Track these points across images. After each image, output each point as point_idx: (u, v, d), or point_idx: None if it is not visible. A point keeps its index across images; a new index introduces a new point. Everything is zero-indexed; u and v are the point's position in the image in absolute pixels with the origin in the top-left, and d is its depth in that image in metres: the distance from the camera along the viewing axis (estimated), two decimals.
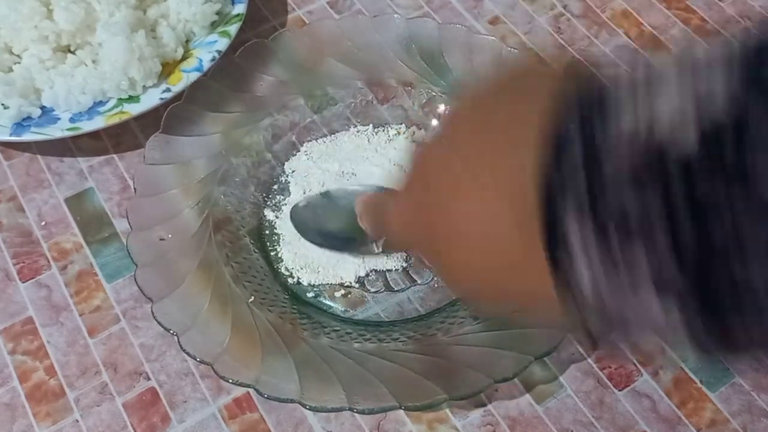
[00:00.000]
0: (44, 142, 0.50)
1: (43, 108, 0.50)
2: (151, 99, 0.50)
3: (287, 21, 0.59)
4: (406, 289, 0.45)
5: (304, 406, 0.37)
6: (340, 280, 0.45)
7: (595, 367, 0.43)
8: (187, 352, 0.39)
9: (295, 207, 0.46)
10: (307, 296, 0.45)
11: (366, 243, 0.41)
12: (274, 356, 0.40)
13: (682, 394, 0.42)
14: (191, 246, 0.44)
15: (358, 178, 0.49)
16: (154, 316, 0.39)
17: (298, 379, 0.38)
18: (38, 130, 0.49)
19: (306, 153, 0.51)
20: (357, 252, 0.44)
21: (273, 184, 0.50)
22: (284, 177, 0.50)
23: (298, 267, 0.46)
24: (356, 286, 0.45)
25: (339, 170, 0.50)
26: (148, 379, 0.43)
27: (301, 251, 0.46)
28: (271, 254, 0.47)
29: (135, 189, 0.45)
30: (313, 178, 0.49)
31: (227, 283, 0.43)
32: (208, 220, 0.45)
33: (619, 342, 0.24)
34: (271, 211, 0.48)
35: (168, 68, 0.52)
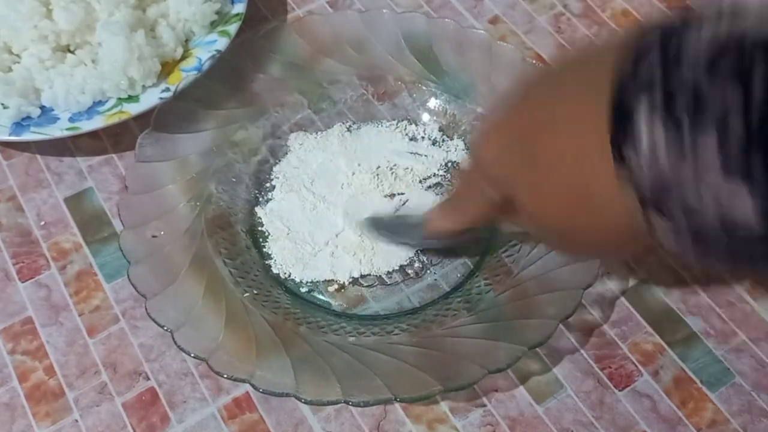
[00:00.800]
0: (43, 142, 0.50)
1: (42, 108, 0.50)
2: (151, 99, 0.50)
3: (287, 20, 0.59)
4: (400, 283, 0.45)
5: (299, 399, 0.37)
6: (333, 277, 0.45)
7: (596, 367, 0.43)
8: (181, 348, 0.39)
9: (369, 218, 0.47)
10: (301, 291, 0.45)
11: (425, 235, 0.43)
12: (269, 351, 0.40)
13: (682, 394, 0.42)
14: (184, 242, 0.44)
15: (355, 175, 0.49)
16: (148, 313, 0.40)
17: (294, 374, 0.38)
18: (38, 129, 0.49)
19: (298, 147, 0.51)
20: (420, 240, 0.45)
21: (265, 181, 0.50)
22: (276, 173, 0.50)
23: (290, 263, 0.46)
24: (349, 281, 0.45)
25: (329, 164, 0.50)
26: (148, 379, 0.43)
27: (290, 247, 0.46)
28: (263, 250, 0.47)
29: (126, 186, 0.45)
30: (302, 173, 0.49)
31: (221, 278, 0.43)
32: (200, 217, 0.46)
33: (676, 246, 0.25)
34: (262, 207, 0.48)
35: (167, 68, 0.52)
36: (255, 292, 0.44)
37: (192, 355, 0.39)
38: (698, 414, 0.42)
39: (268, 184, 0.50)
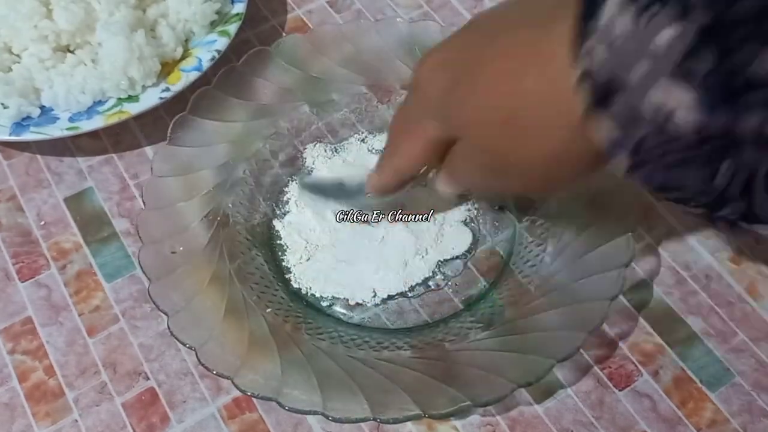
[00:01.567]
0: (43, 142, 0.50)
1: (42, 107, 0.50)
2: (151, 98, 0.50)
3: (287, 20, 0.59)
4: (419, 297, 0.45)
5: (327, 417, 0.37)
6: (353, 293, 0.45)
7: (595, 367, 0.43)
8: (205, 366, 0.38)
9: (305, 177, 0.47)
10: (322, 305, 0.45)
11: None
12: (293, 368, 0.39)
13: (682, 394, 0.42)
14: (203, 258, 0.43)
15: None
16: (170, 332, 0.39)
17: (320, 391, 0.38)
18: (38, 129, 0.49)
19: (313, 159, 0.50)
20: (362, 199, 0.44)
21: (282, 194, 0.49)
22: (292, 186, 0.49)
23: (310, 277, 0.45)
24: (371, 298, 0.45)
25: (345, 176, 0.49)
26: (148, 378, 0.43)
27: (309, 261, 0.46)
28: (282, 264, 0.46)
29: (144, 202, 0.44)
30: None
31: (241, 294, 0.43)
32: (218, 232, 0.45)
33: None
34: (279, 220, 0.48)
35: (167, 68, 0.52)
36: (276, 307, 0.43)
37: (215, 372, 0.38)
38: (698, 414, 0.42)
39: (284, 197, 0.49)
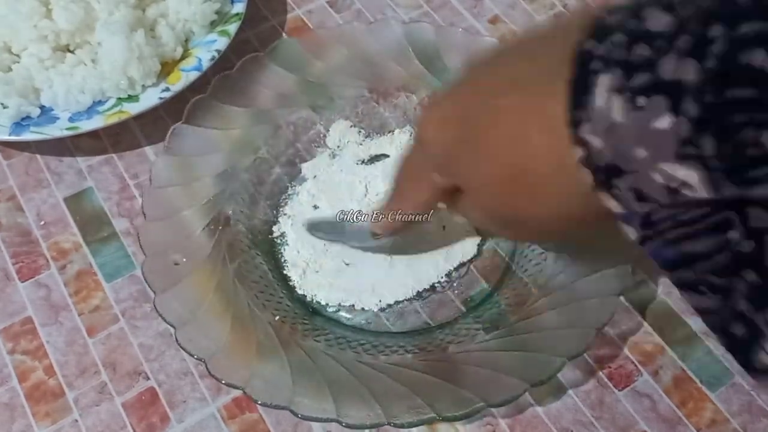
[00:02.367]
0: (43, 142, 0.50)
1: (42, 107, 0.50)
2: (151, 98, 0.50)
3: (286, 20, 0.59)
4: (424, 299, 0.45)
5: (341, 423, 0.37)
6: (359, 299, 0.44)
7: (595, 367, 0.43)
8: (216, 378, 0.38)
9: (309, 219, 0.46)
10: (328, 311, 0.44)
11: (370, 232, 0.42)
12: (303, 375, 0.39)
13: (682, 394, 0.42)
14: (207, 268, 0.43)
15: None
16: (178, 344, 0.39)
17: (332, 398, 0.38)
18: (37, 129, 0.49)
19: (313, 165, 0.50)
20: (366, 239, 0.44)
21: (281, 199, 0.49)
22: (292, 190, 0.49)
23: (313, 284, 0.45)
24: (376, 305, 0.45)
25: (345, 180, 0.49)
26: (148, 378, 0.43)
27: (312, 268, 0.46)
28: (285, 272, 0.46)
29: (144, 214, 0.44)
30: (319, 191, 0.49)
31: (246, 303, 0.42)
32: (221, 241, 0.45)
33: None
34: (280, 227, 0.48)
35: (167, 67, 0.52)
36: (282, 314, 0.43)
37: (224, 382, 0.38)
38: (698, 414, 0.42)
39: (284, 203, 0.49)
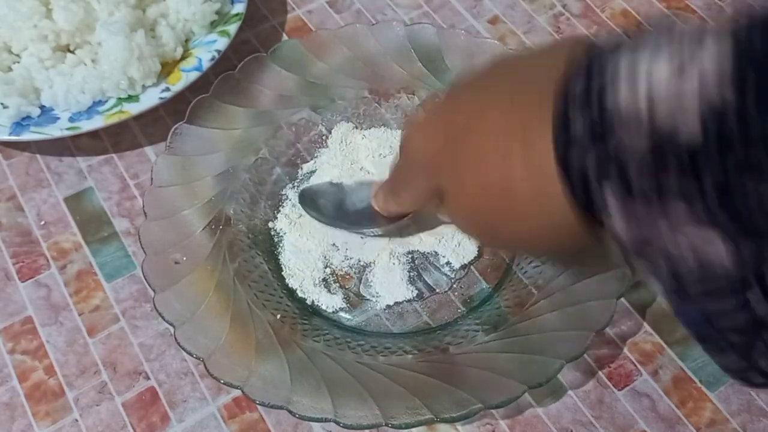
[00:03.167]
0: (43, 142, 0.50)
1: (42, 107, 0.50)
2: (151, 98, 0.50)
3: (286, 20, 0.59)
4: (423, 300, 0.45)
5: (338, 424, 0.37)
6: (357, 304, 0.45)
7: (595, 367, 0.43)
8: (214, 377, 0.38)
9: (305, 189, 0.47)
10: (327, 312, 0.44)
11: (376, 221, 0.43)
12: (302, 375, 0.39)
13: (681, 394, 0.42)
14: (207, 267, 0.43)
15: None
16: (177, 343, 0.39)
17: (330, 397, 0.38)
18: (37, 129, 0.49)
19: (313, 164, 0.50)
20: (367, 227, 0.45)
21: (281, 199, 0.49)
22: (292, 191, 0.49)
23: (312, 286, 0.45)
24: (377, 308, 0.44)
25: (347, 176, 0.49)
26: (148, 378, 0.43)
27: (310, 269, 0.45)
28: (283, 273, 0.46)
29: (145, 213, 0.44)
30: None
31: (246, 302, 0.42)
32: (221, 241, 0.45)
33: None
34: (279, 225, 0.48)
35: (167, 68, 0.52)
36: (282, 314, 0.43)
37: (223, 382, 0.38)
38: (697, 413, 0.42)
39: (284, 205, 0.48)
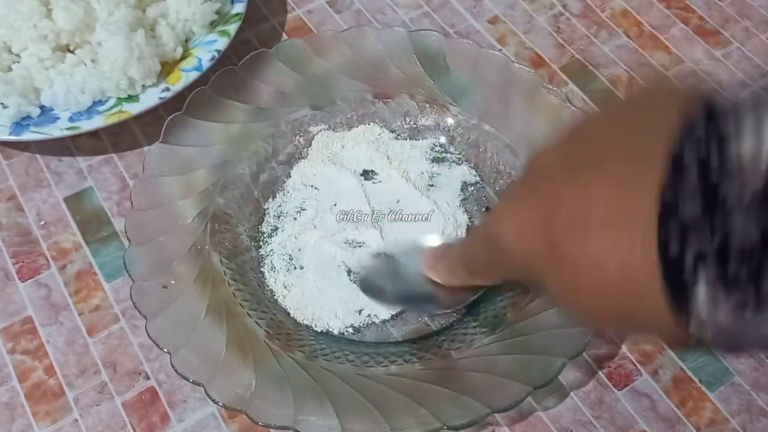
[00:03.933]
0: (43, 142, 0.50)
1: (42, 107, 0.50)
2: (151, 98, 0.50)
3: (286, 20, 0.59)
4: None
5: None
6: (351, 319, 0.44)
7: (595, 367, 0.43)
8: (214, 401, 0.37)
9: (363, 277, 0.43)
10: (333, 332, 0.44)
11: (435, 300, 0.40)
12: (304, 393, 0.39)
13: (681, 394, 0.42)
14: (197, 289, 0.42)
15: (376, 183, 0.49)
16: (174, 369, 0.38)
17: (336, 414, 0.37)
18: (37, 129, 0.49)
19: (308, 168, 0.50)
20: (427, 310, 0.43)
21: (270, 202, 0.48)
22: (286, 192, 0.49)
23: (305, 299, 0.44)
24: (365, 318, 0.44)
25: (341, 185, 0.49)
26: (148, 378, 0.43)
27: (303, 280, 0.45)
28: (276, 286, 0.45)
29: (132, 203, 0.44)
30: (314, 197, 0.48)
31: (241, 321, 0.42)
32: (216, 251, 0.44)
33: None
34: (269, 241, 0.47)
35: (167, 67, 0.52)
36: (277, 330, 0.42)
37: (221, 404, 0.37)
38: (697, 413, 0.42)
39: (271, 216, 0.48)
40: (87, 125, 0.49)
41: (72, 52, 0.52)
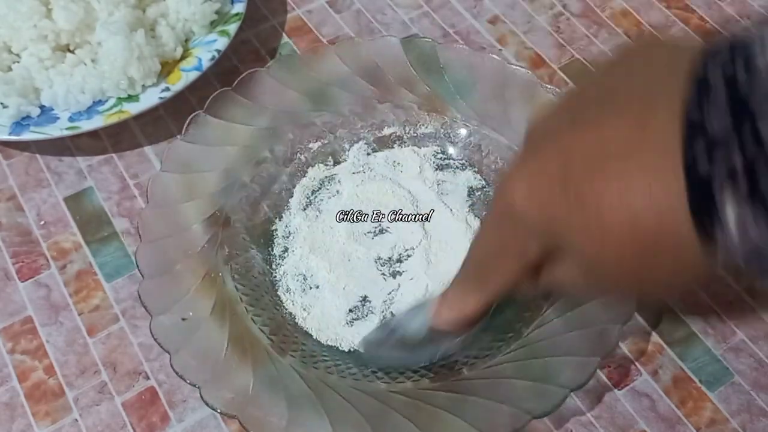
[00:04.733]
0: (43, 142, 0.50)
1: (42, 107, 0.50)
2: (151, 98, 0.50)
3: (286, 20, 0.59)
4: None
5: None
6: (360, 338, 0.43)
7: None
8: (210, 407, 0.37)
9: (365, 351, 0.42)
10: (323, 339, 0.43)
11: (441, 339, 0.38)
12: (302, 405, 0.38)
13: (681, 394, 0.42)
14: (204, 288, 0.42)
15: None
16: (174, 370, 0.38)
17: (331, 427, 0.37)
18: (37, 129, 0.49)
19: (322, 176, 0.50)
20: (433, 350, 0.41)
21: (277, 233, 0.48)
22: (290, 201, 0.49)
23: (317, 315, 0.44)
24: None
25: (352, 196, 0.48)
26: (148, 378, 0.43)
27: (311, 296, 0.45)
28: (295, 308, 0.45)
29: (147, 198, 0.44)
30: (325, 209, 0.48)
31: (245, 326, 0.42)
32: (220, 244, 0.44)
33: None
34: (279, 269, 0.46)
35: (167, 67, 0.52)
36: (281, 340, 0.42)
37: (218, 410, 0.38)
38: (697, 413, 0.42)
39: (281, 235, 0.47)
40: (87, 125, 0.49)
41: (72, 52, 0.52)
